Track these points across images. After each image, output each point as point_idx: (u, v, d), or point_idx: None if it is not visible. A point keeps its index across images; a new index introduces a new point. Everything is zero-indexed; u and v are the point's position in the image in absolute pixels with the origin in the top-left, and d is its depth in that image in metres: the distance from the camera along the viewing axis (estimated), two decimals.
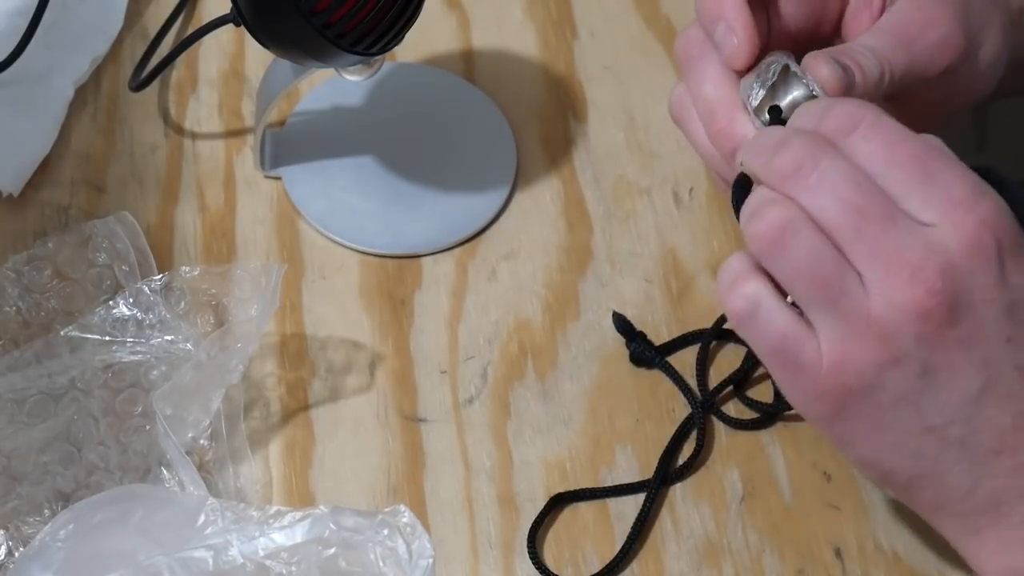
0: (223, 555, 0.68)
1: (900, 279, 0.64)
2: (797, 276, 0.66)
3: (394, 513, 0.69)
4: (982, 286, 0.65)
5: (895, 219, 0.65)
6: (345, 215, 0.87)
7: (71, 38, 0.91)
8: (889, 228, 0.65)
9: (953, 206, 0.65)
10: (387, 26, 0.78)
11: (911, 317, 0.64)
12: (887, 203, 0.65)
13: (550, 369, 0.83)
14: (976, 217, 0.65)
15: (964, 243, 0.65)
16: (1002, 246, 0.65)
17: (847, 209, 0.65)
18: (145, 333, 0.79)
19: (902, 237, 0.65)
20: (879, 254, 0.65)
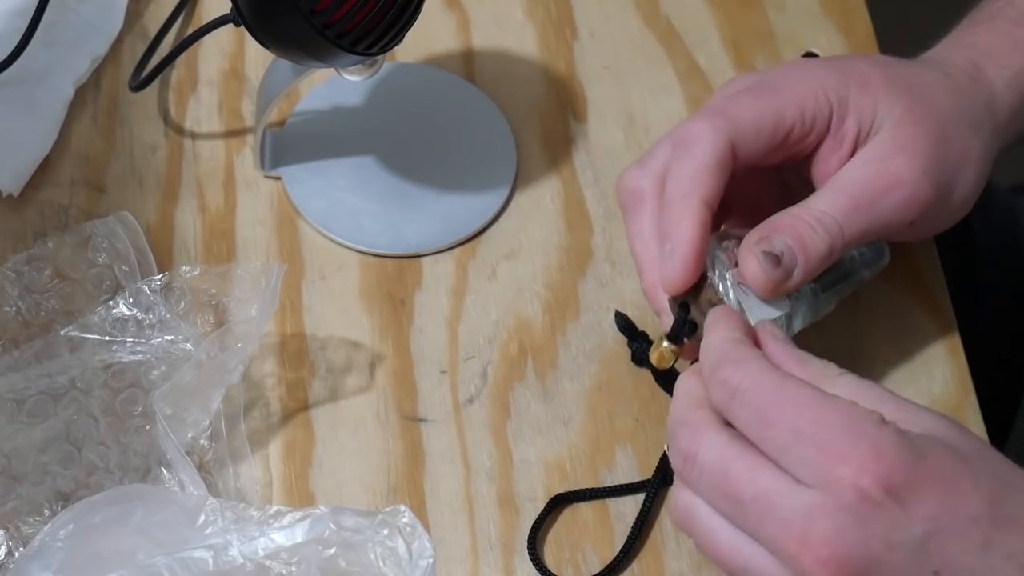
0: (223, 555, 0.68)
1: (790, 557, 0.63)
2: (709, 553, 0.67)
3: (394, 513, 0.69)
4: (879, 536, 0.63)
5: (770, 496, 0.64)
6: (345, 215, 0.87)
7: (71, 38, 0.91)
8: (768, 507, 0.64)
9: (828, 462, 0.63)
10: (387, 26, 0.78)
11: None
12: (758, 479, 0.65)
13: (550, 369, 0.83)
14: (853, 468, 0.63)
15: (846, 501, 0.63)
16: (892, 486, 0.63)
17: (726, 499, 0.65)
18: (145, 333, 0.79)
19: (781, 511, 0.64)
20: (765, 535, 0.64)
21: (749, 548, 0.65)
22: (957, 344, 0.84)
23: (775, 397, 0.65)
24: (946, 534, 0.63)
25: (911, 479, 0.63)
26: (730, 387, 0.67)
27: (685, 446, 0.67)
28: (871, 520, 0.62)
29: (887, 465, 0.63)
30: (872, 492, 0.62)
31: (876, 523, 0.62)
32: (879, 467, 0.62)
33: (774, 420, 0.65)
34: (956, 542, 0.63)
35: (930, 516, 0.63)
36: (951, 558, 0.63)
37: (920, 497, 0.63)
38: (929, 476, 0.63)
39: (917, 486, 0.63)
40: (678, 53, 0.94)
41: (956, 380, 0.83)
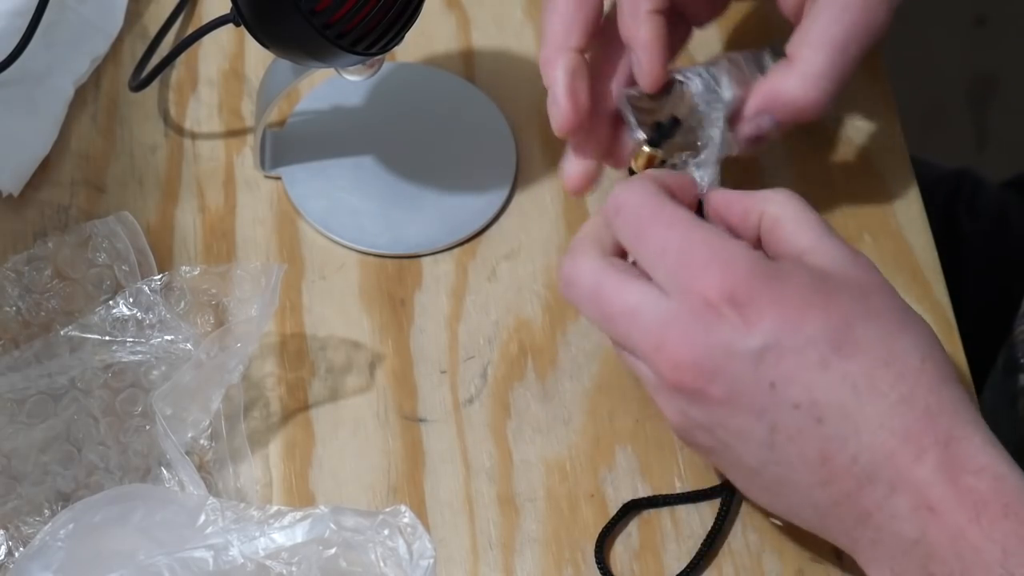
0: (223, 555, 0.68)
1: (649, 361, 0.70)
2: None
3: (395, 513, 0.69)
4: (721, 345, 0.68)
5: (634, 311, 0.70)
6: (345, 215, 0.87)
7: (71, 38, 0.91)
8: (633, 319, 0.70)
9: (684, 274, 0.69)
10: (387, 26, 0.78)
11: (671, 392, 0.70)
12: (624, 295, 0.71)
13: (550, 369, 0.83)
14: (703, 280, 0.69)
15: (694, 311, 0.69)
16: (737, 300, 0.68)
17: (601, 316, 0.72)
18: (145, 333, 0.79)
19: (642, 323, 0.70)
20: (631, 344, 0.71)
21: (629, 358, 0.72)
22: (957, 344, 0.84)
23: (652, 216, 0.71)
24: (783, 350, 0.68)
25: (756, 295, 0.68)
26: (616, 203, 0.72)
27: (566, 271, 0.73)
28: (714, 329, 0.68)
29: (734, 280, 0.68)
30: (717, 303, 0.68)
31: (718, 332, 0.68)
32: (726, 281, 0.68)
33: (647, 236, 0.71)
34: (792, 358, 0.68)
35: (769, 331, 0.68)
36: (786, 372, 0.68)
37: (762, 312, 0.68)
38: (777, 296, 0.68)
39: (761, 303, 0.68)
40: None
41: None
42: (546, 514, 0.78)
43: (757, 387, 0.68)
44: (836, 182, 0.90)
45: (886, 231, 0.88)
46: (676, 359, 0.69)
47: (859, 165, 0.90)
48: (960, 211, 1.08)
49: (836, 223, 0.88)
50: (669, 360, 0.69)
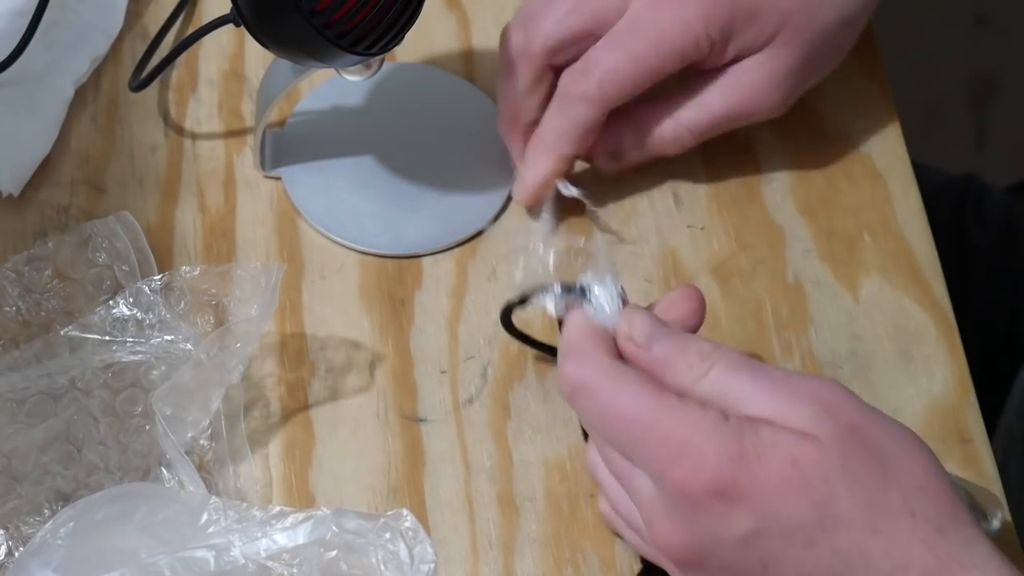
0: (225, 555, 0.68)
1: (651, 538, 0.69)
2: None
3: (396, 516, 0.69)
4: (708, 531, 0.67)
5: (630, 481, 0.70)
6: (345, 215, 0.87)
7: (71, 38, 0.91)
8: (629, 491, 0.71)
9: (661, 467, 0.68)
10: (387, 26, 0.78)
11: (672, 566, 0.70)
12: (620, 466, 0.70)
13: (550, 369, 0.83)
14: (681, 474, 0.67)
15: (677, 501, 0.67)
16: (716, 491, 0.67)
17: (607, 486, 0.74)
18: (145, 333, 0.79)
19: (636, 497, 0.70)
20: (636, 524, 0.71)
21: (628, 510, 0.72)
22: (957, 344, 0.84)
23: (612, 401, 0.69)
24: (769, 535, 0.66)
25: (733, 483, 0.66)
26: (571, 384, 0.71)
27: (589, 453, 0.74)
28: (699, 519, 0.67)
29: (710, 472, 0.66)
30: (698, 495, 0.67)
31: (704, 521, 0.67)
32: (701, 474, 0.66)
33: (613, 425, 0.69)
34: (779, 541, 0.66)
35: (752, 518, 0.66)
36: (775, 554, 0.66)
37: (743, 501, 0.66)
38: (753, 479, 0.66)
39: (741, 492, 0.66)
40: None
41: (956, 380, 0.83)
42: (546, 514, 0.78)
43: (749, 567, 0.67)
44: (836, 182, 0.90)
45: (886, 231, 0.88)
46: (665, 543, 0.68)
47: (859, 165, 0.90)
48: (968, 219, 1.08)
49: (836, 223, 0.88)
50: (659, 543, 0.69)
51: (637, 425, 0.68)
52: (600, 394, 0.70)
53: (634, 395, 0.69)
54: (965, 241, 1.07)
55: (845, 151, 0.91)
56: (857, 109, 0.92)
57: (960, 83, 1.89)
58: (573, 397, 0.71)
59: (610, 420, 0.69)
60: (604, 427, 0.70)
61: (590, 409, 0.70)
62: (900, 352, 0.84)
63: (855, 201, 0.89)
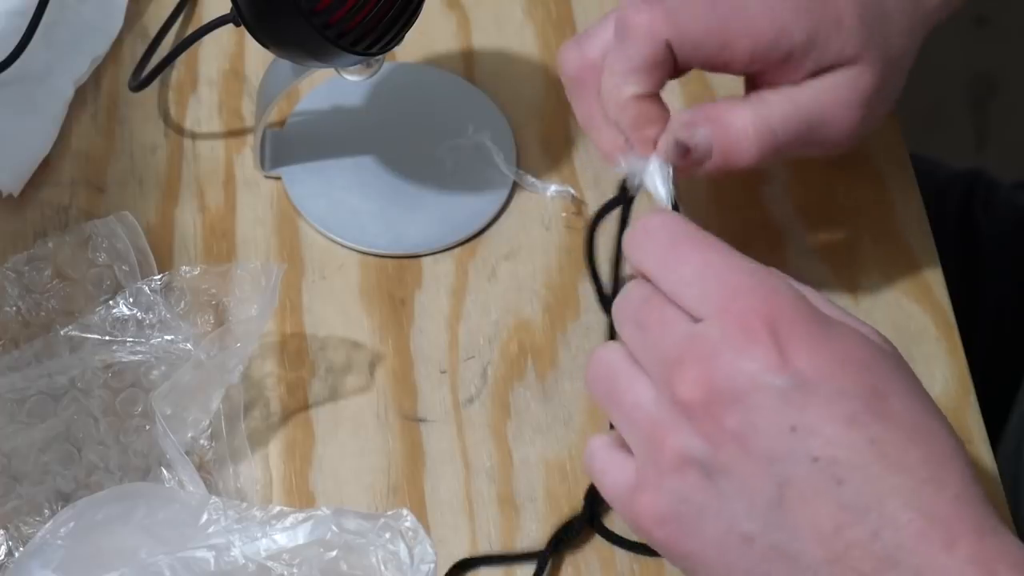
0: (225, 555, 0.68)
1: (667, 376, 0.63)
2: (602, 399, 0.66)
3: (396, 516, 0.69)
4: (749, 373, 0.61)
5: (668, 322, 0.64)
6: (345, 215, 0.87)
7: (71, 38, 0.91)
8: (663, 332, 0.64)
9: (723, 296, 0.63)
10: (387, 26, 0.78)
11: (678, 412, 0.62)
12: (666, 309, 0.64)
13: (550, 369, 0.83)
14: (744, 303, 0.62)
15: (728, 331, 0.62)
16: (777, 330, 0.62)
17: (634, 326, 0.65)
18: (145, 333, 0.79)
19: (672, 336, 0.63)
20: (655, 358, 0.64)
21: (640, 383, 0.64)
22: (957, 344, 0.84)
23: (689, 237, 0.65)
24: (812, 394, 0.61)
25: (797, 332, 0.62)
26: (646, 226, 0.67)
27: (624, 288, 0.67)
28: (745, 354, 0.61)
29: (778, 310, 0.62)
30: (755, 328, 0.62)
31: (749, 357, 0.61)
32: (769, 309, 0.62)
33: (683, 255, 0.65)
34: (820, 406, 0.61)
35: (804, 371, 0.61)
36: (810, 419, 0.61)
37: (801, 351, 0.61)
38: (819, 340, 0.62)
39: (801, 341, 0.61)
40: None
41: (956, 380, 0.83)
42: (546, 514, 0.78)
43: (775, 428, 0.61)
44: (836, 182, 0.90)
45: (886, 231, 0.88)
46: (696, 375, 0.62)
47: (859, 165, 0.90)
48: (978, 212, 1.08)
49: (836, 224, 0.88)
50: (688, 375, 0.62)
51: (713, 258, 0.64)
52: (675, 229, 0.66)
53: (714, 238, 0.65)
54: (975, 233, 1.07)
55: (845, 151, 0.91)
56: None
57: (960, 83, 1.89)
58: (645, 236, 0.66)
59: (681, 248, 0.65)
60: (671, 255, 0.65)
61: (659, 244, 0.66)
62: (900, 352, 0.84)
63: (855, 201, 0.89)
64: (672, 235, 0.66)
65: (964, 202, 1.08)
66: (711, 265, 0.64)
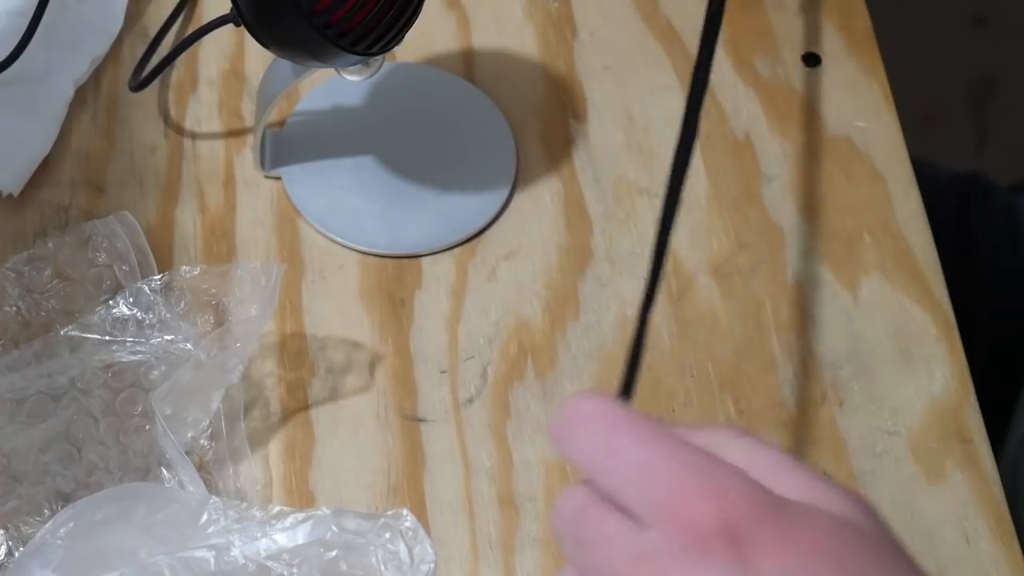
0: (225, 555, 0.68)
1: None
2: None
3: (396, 516, 0.69)
4: None
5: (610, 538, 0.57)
6: (345, 215, 0.87)
7: (71, 38, 0.91)
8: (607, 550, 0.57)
9: (670, 497, 0.55)
10: (387, 26, 0.78)
11: None
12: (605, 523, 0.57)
13: (550, 369, 0.83)
14: (694, 506, 0.54)
15: (681, 542, 0.54)
16: (734, 535, 0.54)
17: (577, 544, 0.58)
18: (145, 333, 0.79)
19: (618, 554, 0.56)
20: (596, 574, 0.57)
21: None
22: (957, 344, 0.84)
23: (625, 427, 0.57)
24: None
25: (760, 533, 0.54)
26: (577, 410, 0.59)
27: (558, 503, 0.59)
28: (701, 569, 0.54)
29: (734, 510, 0.54)
30: (709, 536, 0.54)
31: (707, 572, 0.54)
32: (723, 511, 0.54)
33: (619, 448, 0.57)
34: None
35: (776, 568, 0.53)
36: None
37: (764, 556, 0.54)
38: (786, 537, 0.54)
39: (765, 543, 0.54)
40: (678, 53, 0.94)
41: (956, 380, 0.83)
42: (546, 514, 0.78)
43: None
44: (836, 182, 0.90)
45: (886, 231, 0.88)
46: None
47: (859, 165, 0.90)
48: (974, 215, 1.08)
49: (836, 223, 0.88)
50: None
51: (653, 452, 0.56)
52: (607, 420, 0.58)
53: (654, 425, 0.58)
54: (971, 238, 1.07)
55: (845, 151, 0.91)
56: (857, 109, 0.92)
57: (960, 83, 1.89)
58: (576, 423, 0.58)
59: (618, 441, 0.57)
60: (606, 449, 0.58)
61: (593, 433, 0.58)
62: (900, 352, 0.84)
63: (855, 201, 0.89)
64: (609, 423, 0.58)
65: (961, 206, 1.08)
66: (651, 461, 0.56)
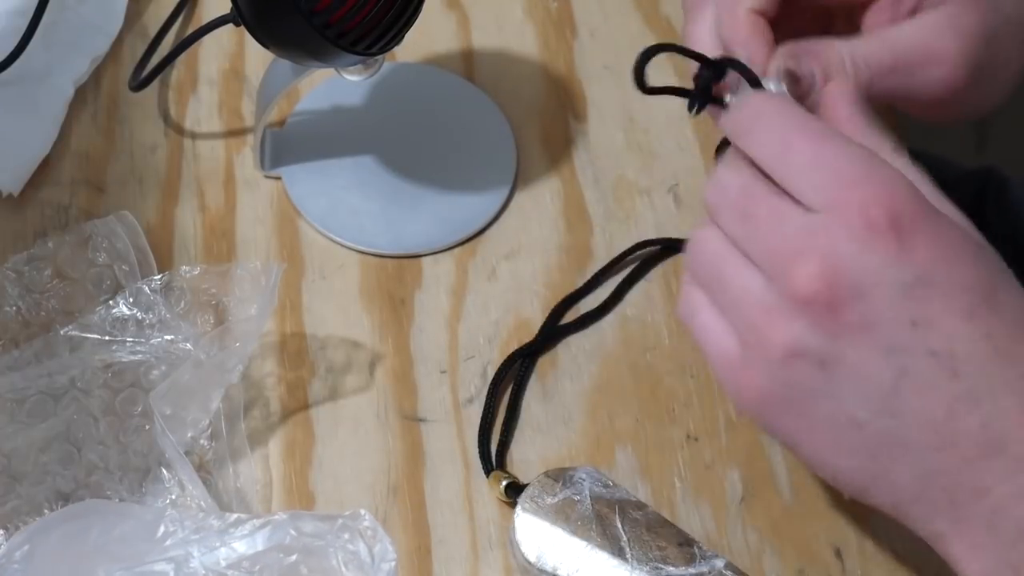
0: (184, 567, 0.68)
1: (783, 269, 0.63)
2: (707, 281, 0.67)
3: (354, 517, 0.69)
4: (872, 266, 0.62)
5: (781, 214, 0.64)
6: (345, 215, 0.87)
7: (71, 38, 0.91)
8: (775, 224, 0.64)
9: (840, 187, 0.63)
10: (387, 26, 0.78)
11: (797, 305, 0.63)
12: (774, 200, 0.64)
13: (550, 369, 0.83)
14: (863, 194, 0.63)
15: (849, 223, 0.62)
16: (898, 222, 0.62)
17: (742, 217, 0.65)
18: (145, 333, 0.79)
19: (786, 228, 0.64)
20: (767, 249, 0.64)
21: (748, 272, 0.65)
22: None
23: (800, 125, 0.65)
24: (935, 288, 0.62)
25: (919, 224, 0.62)
26: (752, 112, 0.66)
27: (721, 171, 0.67)
28: (868, 248, 0.62)
29: (899, 201, 0.62)
30: (877, 221, 0.62)
31: (872, 252, 0.62)
32: (891, 200, 0.62)
33: (795, 144, 0.64)
34: (941, 299, 0.62)
35: (926, 264, 0.62)
36: (931, 313, 0.62)
37: (922, 243, 0.62)
38: (937, 230, 0.62)
39: (922, 233, 0.62)
40: None
41: None
42: None
43: (896, 322, 0.62)
44: None
45: None
46: (818, 269, 0.62)
47: None
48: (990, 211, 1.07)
49: None
50: (809, 269, 0.62)
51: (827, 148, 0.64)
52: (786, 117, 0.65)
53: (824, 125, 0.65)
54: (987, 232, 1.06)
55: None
56: None
57: None
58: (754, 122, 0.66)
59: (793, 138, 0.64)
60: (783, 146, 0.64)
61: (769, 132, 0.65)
62: None
63: None
64: (785, 120, 0.65)
65: (976, 201, 1.08)
66: (826, 154, 0.64)
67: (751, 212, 0.65)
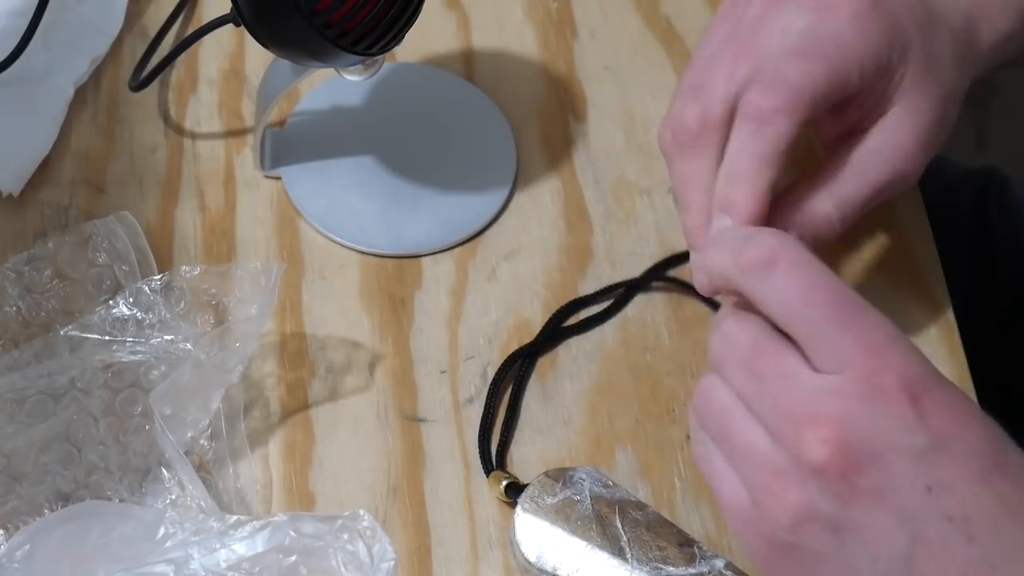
0: (184, 569, 0.68)
1: (794, 432, 0.62)
2: (714, 433, 0.66)
3: (353, 517, 0.69)
4: (887, 432, 0.61)
5: (791, 374, 0.63)
6: (345, 215, 0.87)
7: (71, 38, 0.91)
8: (785, 384, 0.63)
9: (859, 352, 0.62)
10: (387, 26, 0.78)
11: (804, 470, 0.62)
12: (785, 359, 0.64)
13: (550, 369, 0.83)
14: (881, 362, 0.62)
15: (865, 389, 0.62)
16: (913, 390, 0.62)
17: (750, 375, 0.64)
18: (145, 333, 0.79)
19: (798, 389, 0.63)
20: (776, 411, 0.63)
21: (756, 429, 0.64)
22: (957, 344, 0.84)
23: (816, 283, 0.64)
24: (949, 454, 0.61)
25: (932, 392, 0.62)
26: (776, 252, 0.65)
27: (726, 326, 0.66)
28: (883, 415, 0.61)
29: (913, 370, 0.62)
30: (892, 388, 0.61)
31: (887, 419, 0.61)
32: (905, 368, 0.62)
33: (813, 301, 0.63)
34: (955, 465, 0.61)
35: (940, 431, 0.61)
36: (946, 478, 0.61)
37: (936, 410, 0.61)
38: (946, 396, 0.62)
39: (935, 400, 0.62)
40: (678, 53, 0.94)
41: (956, 380, 0.83)
42: None
43: (911, 488, 0.61)
44: None
45: (886, 231, 0.88)
46: (831, 435, 0.61)
47: None
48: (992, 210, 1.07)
49: None
50: (822, 434, 0.61)
51: (842, 308, 0.63)
52: (801, 274, 0.64)
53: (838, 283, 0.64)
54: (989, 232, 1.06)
55: None
56: None
57: None
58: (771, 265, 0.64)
59: (810, 297, 0.63)
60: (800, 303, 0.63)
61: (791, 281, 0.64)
62: None
63: None
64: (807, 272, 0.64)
65: (978, 200, 1.08)
66: (847, 317, 0.63)
67: (759, 370, 0.64)
